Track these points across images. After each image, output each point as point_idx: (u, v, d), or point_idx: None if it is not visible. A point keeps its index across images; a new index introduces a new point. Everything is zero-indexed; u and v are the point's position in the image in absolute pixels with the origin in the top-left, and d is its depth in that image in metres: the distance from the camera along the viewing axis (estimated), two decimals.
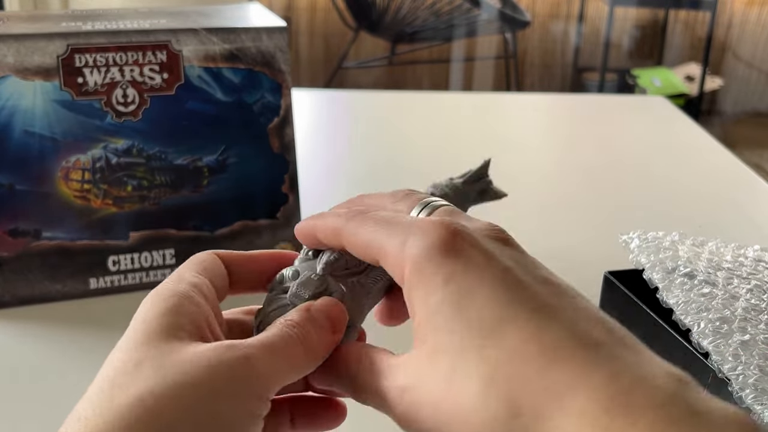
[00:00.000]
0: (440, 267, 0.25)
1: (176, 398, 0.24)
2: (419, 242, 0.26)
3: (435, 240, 0.26)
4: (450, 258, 0.25)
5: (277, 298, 0.31)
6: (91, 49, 0.59)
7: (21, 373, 0.55)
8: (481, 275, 0.25)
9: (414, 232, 0.27)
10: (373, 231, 0.28)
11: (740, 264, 0.54)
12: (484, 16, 2.79)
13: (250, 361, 0.26)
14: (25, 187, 0.60)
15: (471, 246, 0.26)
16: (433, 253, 0.26)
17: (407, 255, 0.26)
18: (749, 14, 3.24)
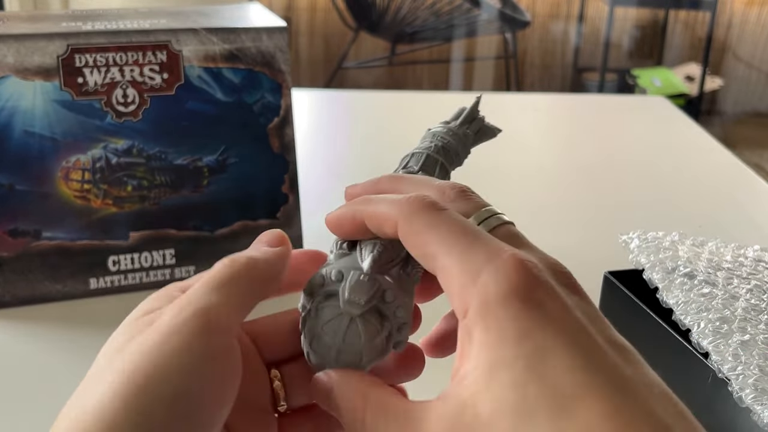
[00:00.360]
0: (517, 318, 0.23)
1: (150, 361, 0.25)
2: (496, 281, 0.24)
3: (514, 283, 0.24)
4: (528, 309, 0.23)
5: (326, 307, 0.28)
6: (91, 49, 0.59)
7: (21, 373, 0.55)
8: (559, 334, 0.23)
9: (491, 266, 0.24)
10: (440, 238, 0.26)
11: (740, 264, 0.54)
12: (484, 16, 2.79)
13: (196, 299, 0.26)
14: (25, 187, 0.60)
15: (549, 296, 0.24)
16: (511, 299, 0.23)
17: (479, 291, 0.24)
18: (749, 14, 3.24)
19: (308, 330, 0.29)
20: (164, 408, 0.24)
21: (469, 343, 0.24)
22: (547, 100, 1.39)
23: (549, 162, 1.04)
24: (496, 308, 0.23)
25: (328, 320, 0.28)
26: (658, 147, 1.08)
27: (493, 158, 1.02)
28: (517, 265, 0.24)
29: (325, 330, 0.28)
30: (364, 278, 0.28)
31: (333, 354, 0.28)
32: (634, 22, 3.27)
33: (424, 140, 0.38)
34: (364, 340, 0.28)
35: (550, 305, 0.24)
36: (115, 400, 0.24)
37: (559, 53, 3.30)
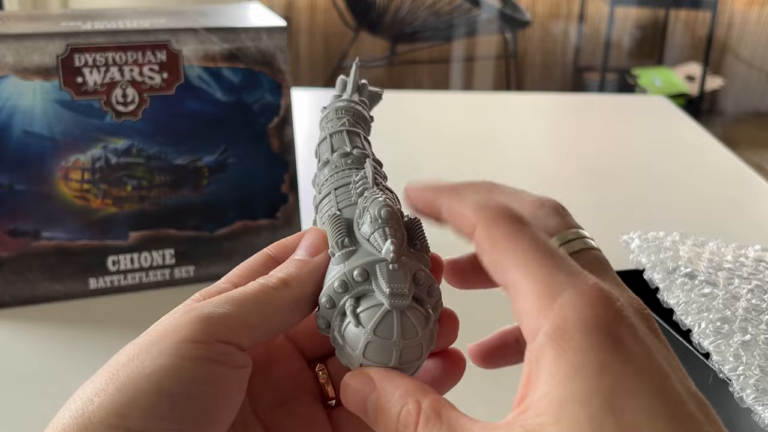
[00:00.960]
0: (596, 350, 0.22)
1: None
2: (576, 307, 0.22)
3: (597, 313, 0.22)
4: (609, 343, 0.22)
5: (365, 311, 0.26)
6: (91, 48, 0.59)
7: (20, 373, 0.55)
8: (641, 376, 0.21)
9: (572, 291, 0.23)
10: (518, 252, 0.24)
11: (741, 264, 0.54)
12: (485, 16, 2.78)
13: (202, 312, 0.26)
14: (25, 187, 0.60)
15: (631, 335, 0.22)
16: (592, 329, 0.22)
17: (555, 314, 0.22)
18: (750, 14, 3.24)
19: (351, 342, 0.26)
20: (141, 408, 0.24)
21: (537, 370, 0.22)
22: (547, 99, 1.39)
23: (549, 162, 1.03)
24: (574, 335, 0.22)
25: (377, 323, 0.26)
26: (658, 147, 1.08)
27: (494, 158, 1.02)
28: (600, 296, 0.23)
29: (378, 333, 0.26)
30: (394, 268, 0.26)
31: (395, 355, 0.26)
32: (634, 21, 3.27)
33: (331, 119, 0.35)
34: (419, 330, 0.26)
35: (632, 344, 0.22)
36: (95, 399, 0.24)
37: (559, 53, 3.30)
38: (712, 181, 0.96)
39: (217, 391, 0.25)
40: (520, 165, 1.00)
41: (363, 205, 0.29)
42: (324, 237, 0.29)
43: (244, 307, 0.26)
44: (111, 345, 0.27)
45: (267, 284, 0.27)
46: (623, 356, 0.22)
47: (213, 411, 0.25)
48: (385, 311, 0.26)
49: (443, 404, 0.24)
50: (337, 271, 0.27)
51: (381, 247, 0.27)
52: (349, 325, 0.26)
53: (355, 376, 0.27)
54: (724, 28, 3.23)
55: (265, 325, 0.27)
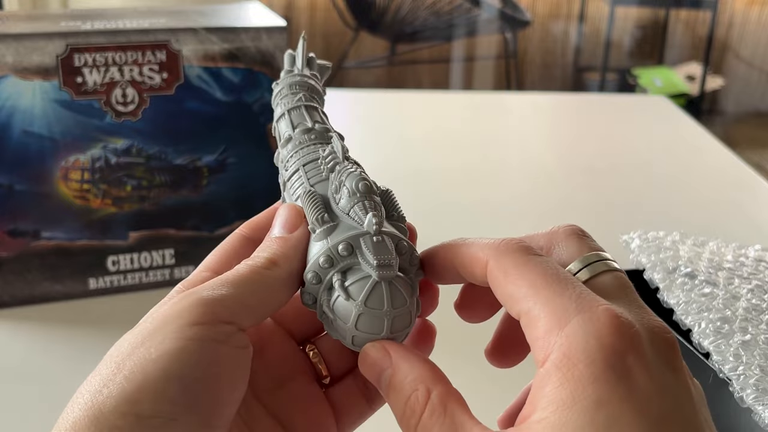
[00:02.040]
0: (599, 380, 0.21)
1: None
2: (584, 334, 0.22)
3: (604, 342, 0.22)
4: (613, 376, 0.21)
5: (354, 284, 0.26)
6: (91, 48, 0.59)
7: (20, 373, 0.55)
8: (640, 416, 0.21)
9: (581, 317, 0.23)
10: (529, 280, 0.24)
11: (741, 264, 0.54)
12: (485, 16, 2.78)
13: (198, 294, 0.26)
14: (24, 187, 0.60)
15: (639, 366, 0.22)
16: (597, 357, 0.22)
17: (563, 341, 0.22)
18: (750, 14, 3.24)
19: (342, 315, 0.27)
20: (151, 393, 0.24)
21: (541, 394, 0.22)
22: (547, 99, 1.39)
23: (549, 161, 1.03)
24: (578, 364, 0.22)
25: (367, 294, 0.26)
26: (658, 146, 1.08)
27: (494, 158, 1.02)
28: (611, 322, 0.22)
29: (369, 304, 0.26)
30: (379, 240, 0.27)
31: (386, 325, 0.26)
32: (634, 21, 3.27)
33: (286, 95, 0.35)
34: (407, 298, 0.27)
35: (638, 377, 0.22)
36: (103, 390, 0.24)
37: (559, 53, 3.29)
38: (713, 181, 0.96)
39: (224, 372, 0.25)
40: (520, 165, 0.99)
41: (338, 179, 0.29)
42: (299, 212, 0.29)
43: (240, 289, 0.26)
44: (111, 345, 0.27)
45: (257, 265, 0.28)
46: (624, 391, 0.21)
47: (221, 392, 0.25)
48: (374, 283, 0.26)
49: (452, 397, 0.25)
50: (321, 246, 0.27)
51: (362, 221, 0.27)
52: (339, 299, 0.27)
53: (375, 348, 0.27)
54: (724, 27, 3.23)
55: (261, 305, 0.27)
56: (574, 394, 0.21)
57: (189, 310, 0.25)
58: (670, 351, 0.23)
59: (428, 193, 0.86)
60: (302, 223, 0.29)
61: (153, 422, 0.23)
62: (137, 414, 0.23)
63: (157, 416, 0.23)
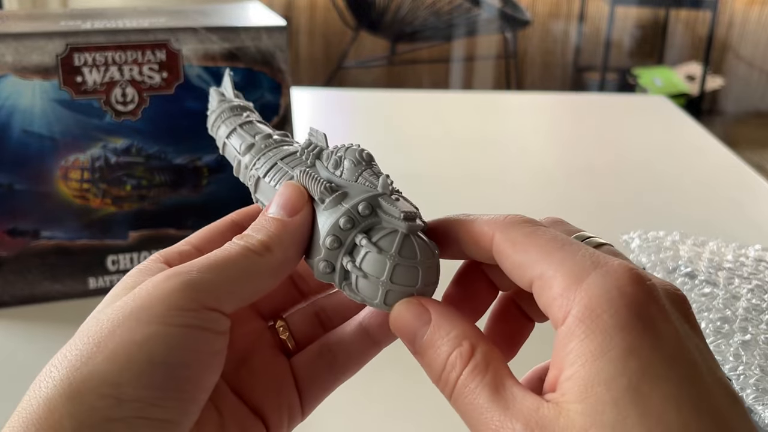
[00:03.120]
0: (624, 330, 0.21)
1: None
2: (604, 285, 0.22)
3: (625, 292, 0.22)
4: (639, 324, 0.21)
5: (382, 239, 0.26)
6: (90, 48, 0.59)
7: (19, 373, 0.55)
8: (670, 362, 0.21)
9: (599, 271, 0.22)
10: (539, 246, 0.24)
11: (741, 264, 0.54)
12: (485, 16, 2.78)
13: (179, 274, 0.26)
14: (24, 186, 0.60)
15: (662, 317, 0.22)
16: (620, 308, 0.21)
17: (583, 293, 0.22)
18: (750, 13, 3.23)
19: (375, 271, 0.26)
20: (134, 377, 0.23)
21: (565, 353, 0.22)
22: (547, 99, 1.39)
23: (549, 161, 1.03)
24: (602, 315, 0.21)
25: (399, 246, 0.26)
26: (659, 146, 1.08)
27: (494, 157, 1.01)
28: (630, 275, 0.22)
29: (403, 254, 0.26)
30: (396, 198, 0.27)
31: (420, 275, 0.26)
32: (634, 21, 3.27)
33: (229, 117, 0.36)
34: (433, 250, 0.27)
35: (662, 326, 0.21)
36: (82, 368, 0.24)
37: (559, 52, 3.29)
38: (713, 180, 0.96)
39: (205, 358, 0.25)
40: (521, 165, 0.99)
41: (335, 156, 0.29)
42: (302, 193, 0.28)
43: (227, 273, 0.26)
44: None
45: (249, 248, 0.27)
46: (652, 339, 0.21)
47: (202, 376, 0.25)
48: (402, 235, 0.26)
49: (495, 356, 0.24)
50: (335, 213, 0.27)
51: (375, 185, 0.27)
52: (368, 255, 0.26)
53: (411, 305, 0.26)
54: (724, 27, 3.23)
55: (247, 292, 0.27)
56: (602, 344, 0.21)
57: (175, 294, 0.25)
58: (684, 306, 0.23)
59: (428, 193, 0.86)
60: (304, 206, 0.28)
61: (133, 406, 0.23)
62: (118, 397, 0.23)
63: (139, 400, 0.23)
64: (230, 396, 0.29)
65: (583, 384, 0.21)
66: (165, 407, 0.24)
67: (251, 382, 0.29)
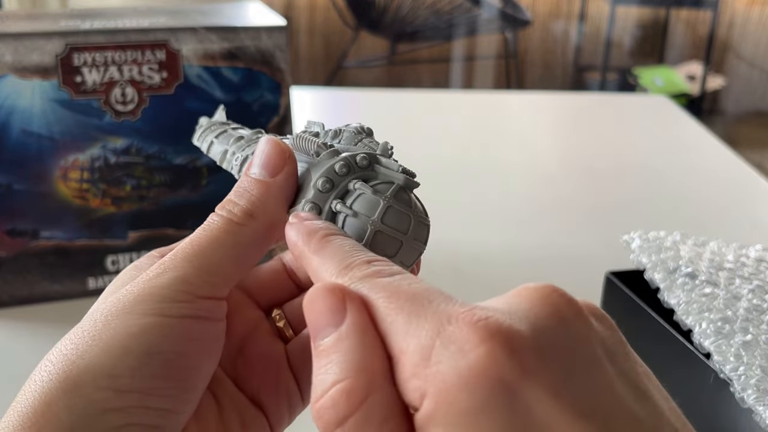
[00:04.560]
0: (487, 409, 0.17)
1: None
2: (452, 356, 0.18)
3: (477, 359, 0.18)
4: (502, 400, 0.17)
5: (378, 185, 0.26)
6: (90, 48, 0.59)
7: (19, 373, 0.55)
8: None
9: (443, 333, 0.19)
10: (387, 304, 0.20)
11: (742, 264, 0.53)
12: (485, 15, 2.78)
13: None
14: (23, 186, 0.60)
15: (528, 379, 0.18)
16: (476, 384, 0.18)
17: (434, 372, 0.18)
18: (751, 13, 3.23)
19: (367, 209, 0.25)
20: (131, 368, 0.24)
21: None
22: (548, 98, 1.39)
23: (550, 161, 1.03)
24: (458, 397, 0.18)
25: (395, 192, 0.26)
26: (659, 146, 1.08)
27: (494, 157, 1.01)
28: (477, 334, 0.18)
29: (398, 199, 0.25)
30: (395, 160, 0.27)
31: (412, 225, 0.25)
32: (635, 20, 3.27)
33: (218, 127, 0.35)
34: (425, 212, 0.27)
35: (529, 394, 0.18)
36: (78, 361, 0.24)
37: (560, 52, 3.29)
38: (714, 180, 0.96)
39: (203, 346, 0.25)
40: (521, 164, 0.99)
41: (335, 129, 0.29)
42: (282, 149, 0.27)
43: (215, 257, 0.26)
44: None
45: (231, 220, 0.26)
46: (522, 412, 0.17)
47: (199, 365, 0.25)
48: (398, 187, 0.26)
49: (397, 411, 0.20)
50: (329, 162, 0.26)
51: (374, 149, 0.27)
52: (362, 195, 0.26)
53: (332, 294, 0.21)
54: (725, 27, 3.22)
55: (238, 268, 0.27)
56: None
57: (167, 290, 0.25)
58: (578, 318, 0.19)
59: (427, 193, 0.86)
60: (286, 164, 0.27)
61: (131, 396, 0.23)
62: (116, 388, 0.23)
63: (136, 391, 0.23)
64: (229, 385, 0.29)
65: None
66: (163, 397, 0.24)
67: (249, 371, 0.29)
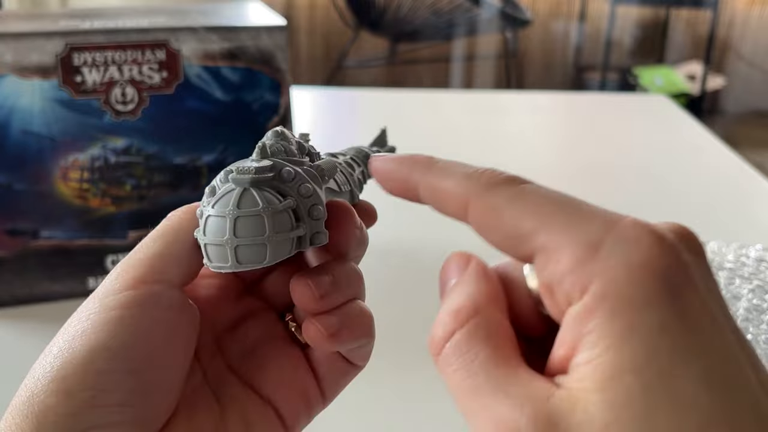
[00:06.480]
0: (655, 304, 0.18)
1: None
2: (625, 251, 0.19)
3: (650, 257, 0.19)
4: (668, 296, 0.18)
5: (223, 195, 0.26)
6: (90, 47, 0.59)
7: (18, 373, 0.55)
8: (700, 339, 0.18)
9: (614, 236, 0.19)
10: (532, 210, 0.20)
11: (742, 264, 0.53)
12: (485, 15, 2.78)
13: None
14: (24, 186, 0.60)
15: (690, 286, 0.19)
16: (647, 277, 0.18)
17: (602, 264, 0.19)
18: (751, 13, 3.23)
19: (200, 229, 0.26)
20: (76, 366, 0.24)
21: (581, 332, 0.19)
22: (548, 98, 1.39)
23: (550, 161, 1.03)
24: (628, 289, 0.18)
25: (217, 200, 0.26)
26: (659, 146, 1.08)
27: (494, 157, 1.01)
28: (649, 237, 0.19)
29: (216, 207, 0.26)
30: (246, 160, 0.27)
31: (228, 226, 0.25)
32: (635, 20, 3.27)
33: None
34: (262, 203, 0.25)
35: (690, 296, 0.19)
36: (36, 371, 0.25)
37: (560, 52, 3.29)
38: (714, 180, 0.96)
39: (155, 335, 0.25)
40: (521, 164, 0.99)
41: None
42: None
43: (165, 240, 0.26)
44: None
45: (182, 210, 0.28)
46: (682, 312, 0.18)
47: (155, 356, 0.25)
48: (228, 189, 0.26)
49: (503, 327, 0.21)
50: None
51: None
52: (200, 218, 0.26)
53: (457, 255, 0.23)
54: (725, 27, 3.22)
55: (189, 255, 0.27)
56: (632, 323, 0.18)
57: (113, 279, 0.25)
58: (695, 244, 0.21)
59: None
60: None
61: (83, 396, 0.23)
62: (66, 391, 0.23)
63: (87, 390, 0.23)
64: (236, 386, 0.28)
65: (608, 370, 0.18)
66: (120, 391, 0.24)
67: (262, 372, 0.29)
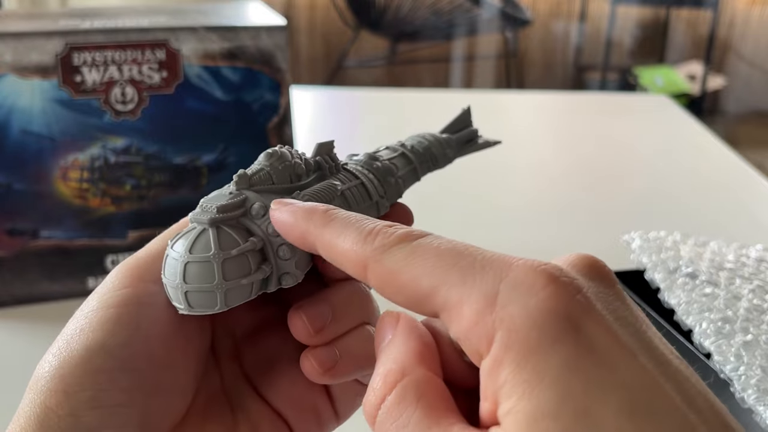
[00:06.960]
0: (557, 342, 0.18)
1: None
2: (520, 296, 0.19)
3: (545, 296, 0.19)
4: (570, 332, 0.18)
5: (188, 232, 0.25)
6: (90, 47, 0.59)
7: (18, 373, 0.55)
8: (612, 369, 0.18)
9: (507, 278, 0.19)
10: (428, 269, 0.20)
11: (743, 264, 0.53)
12: (485, 15, 2.78)
13: None
14: (23, 186, 0.59)
15: (588, 316, 0.19)
16: (545, 318, 0.18)
17: (501, 314, 0.19)
18: (751, 13, 3.23)
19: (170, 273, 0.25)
20: (74, 367, 0.24)
21: (496, 384, 0.19)
22: (548, 98, 1.39)
23: (550, 161, 1.03)
24: (528, 334, 0.18)
25: (175, 241, 0.25)
26: (660, 146, 1.08)
27: (494, 157, 1.01)
28: (542, 277, 0.19)
29: (173, 248, 0.24)
30: (224, 190, 0.26)
31: (179, 270, 0.24)
32: (635, 20, 3.27)
33: (395, 145, 0.35)
34: (214, 252, 0.24)
35: (592, 330, 0.19)
36: (38, 372, 0.24)
37: (560, 52, 3.29)
38: (714, 180, 0.96)
39: (152, 333, 0.25)
40: (521, 164, 0.99)
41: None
42: None
43: (166, 241, 0.26)
44: None
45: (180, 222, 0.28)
46: (587, 346, 0.18)
47: (152, 353, 0.25)
48: (191, 227, 0.26)
49: (432, 386, 0.20)
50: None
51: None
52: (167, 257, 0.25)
53: (389, 314, 0.23)
54: (725, 27, 3.22)
55: None
56: (537, 368, 0.18)
57: (113, 277, 0.26)
58: (608, 278, 0.21)
59: (426, 193, 0.86)
60: None
61: (82, 396, 0.23)
62: (65, 390, 0.23)
63: (85, 389, 0.23)
64: (250, 396, 0.28)
65: (526, 420, 0.18)
66: (120, 389, 0.24)
67: (275, 385, 0.29)
